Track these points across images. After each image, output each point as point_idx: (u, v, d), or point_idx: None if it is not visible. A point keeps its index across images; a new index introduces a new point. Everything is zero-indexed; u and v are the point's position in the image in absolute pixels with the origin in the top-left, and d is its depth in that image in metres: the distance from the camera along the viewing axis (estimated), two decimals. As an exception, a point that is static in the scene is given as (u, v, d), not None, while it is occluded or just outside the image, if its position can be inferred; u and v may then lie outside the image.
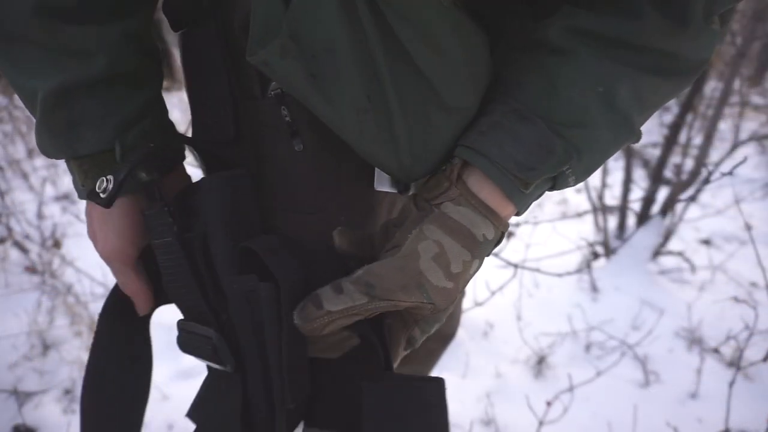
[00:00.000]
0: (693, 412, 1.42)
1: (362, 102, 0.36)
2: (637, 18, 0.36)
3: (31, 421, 1.28)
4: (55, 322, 1.62)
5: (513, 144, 0.39)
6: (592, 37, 0.38)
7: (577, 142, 0.39)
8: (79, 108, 0.39)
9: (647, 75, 0.39)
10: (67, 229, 2.34)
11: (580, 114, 0.39)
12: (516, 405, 1.39)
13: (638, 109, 0.40)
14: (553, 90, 0.39)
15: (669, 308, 1.86)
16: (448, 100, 0.37)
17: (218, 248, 0.41)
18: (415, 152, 0.39)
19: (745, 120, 4.85)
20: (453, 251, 0.40)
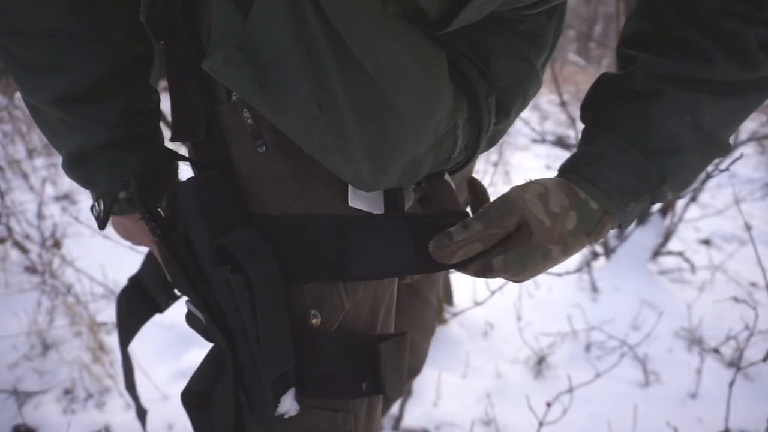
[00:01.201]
0: (693, 412, 1.42)
1: (312, 111, 0.39)
2: (710, 63, 0.43)
3: (31, 421, 1.28)
4: (55, 322, 1.62)
5: (614, 173, 0.46)
6: (674, 80, 0.45)
7: (671, 166, 0.47)
8: (91, 164, 0.51)
9: (727, 97, 0.45)
10: (67, 229, 2.34)
11: (672, 143, 0.46)
12: (516, 405, 1.39)
13: (723, 128, 0.47)
14: (647, 124, 0.46)
15: (669, 308, 1.86)
16: (399, 106, 0.40)
17: (198, 243, 0.46)
18: (374, 160, 0.42)
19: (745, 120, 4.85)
20: (554, 194, 0.47)
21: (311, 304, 0.48)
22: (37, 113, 0.49)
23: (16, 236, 1.92)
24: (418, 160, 0.45)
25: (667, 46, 0.45)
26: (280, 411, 0.48)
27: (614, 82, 0.49)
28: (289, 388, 0.48)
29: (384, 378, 0.50)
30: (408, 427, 1.34)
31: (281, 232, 0.47)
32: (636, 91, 0.47)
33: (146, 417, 0.76)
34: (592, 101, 0.51)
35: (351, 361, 0.50)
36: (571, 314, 1.78)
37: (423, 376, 1.50)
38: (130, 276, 0.77)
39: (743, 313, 1.75)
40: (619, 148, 0.47)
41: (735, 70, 0.44)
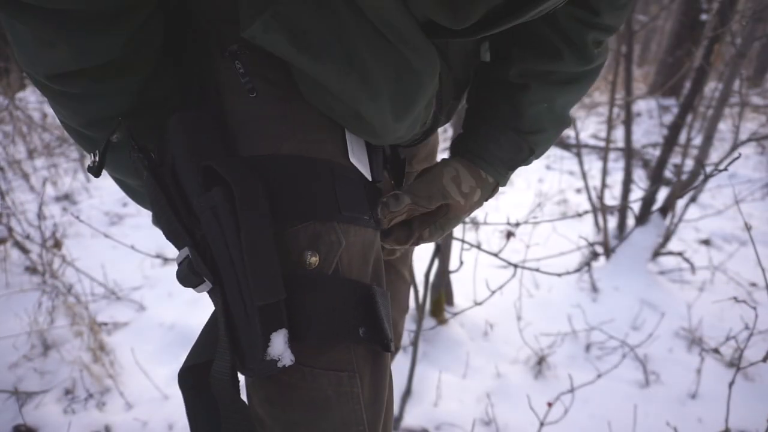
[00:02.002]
0: (693, 412, 1.42)
1: (345, 67, 0.45)
2: (560, 57, 0.58)
3: (31, 422, 1.29)
4: (55, 322, 1.62)
5: (497, 149, 0.62)
6: (535, 74, 0.59)
7: (536, 141, 0.63)
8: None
9: (570, 86, 0.60)
10: (67, 230, 2.34)
11: (536, 124, 0.61)
12: (516, 405, 1.39)
13: (567, 108, 0.63)
14: (517, 110, 0.61)
15: (669, 308, 1.86)
16: (416, 64, 0.48)
17: (183, 173, 0.47)
18: (396, 109, 0.50)
19: (745, 120, 4.86)
20: (464, 176, 0.62)
21: (307, 245, 0.49)
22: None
23: (16, 236, 1.92)
24: (418, 116, 0.53)
25: (531, 44, 0.59)
26: (271, 354, 0.44)
27: (493, 74, 0.62)
28: (282, 326, 0.45)
29: (381, 322, 0.50)
30: (408, 427, 1.34)
31: (272, 172, 0.48)
32: (510, 83, 0.60)
33: None
34: (477, 87, 0.64)
35: (347, 304, 0.49)
36: (571, 314, 1.78)
37: (423, 376, 1.50)
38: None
39: (743, 313, 1.75)
40: (499, 130, 0.62)
41: (577, 63, 0.58)
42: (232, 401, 0.46)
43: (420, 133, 0.61)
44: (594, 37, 0.57)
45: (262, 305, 0.44)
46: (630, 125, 2.15)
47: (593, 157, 4.03)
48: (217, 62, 0.51)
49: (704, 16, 4.72)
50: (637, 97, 2.24)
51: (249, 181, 0.45)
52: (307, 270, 0.48)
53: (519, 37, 0.60)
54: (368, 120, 0.50)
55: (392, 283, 0.84)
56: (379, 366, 0.54)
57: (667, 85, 2.26)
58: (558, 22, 0.57)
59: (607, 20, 0.56)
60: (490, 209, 2.79)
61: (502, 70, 0.61)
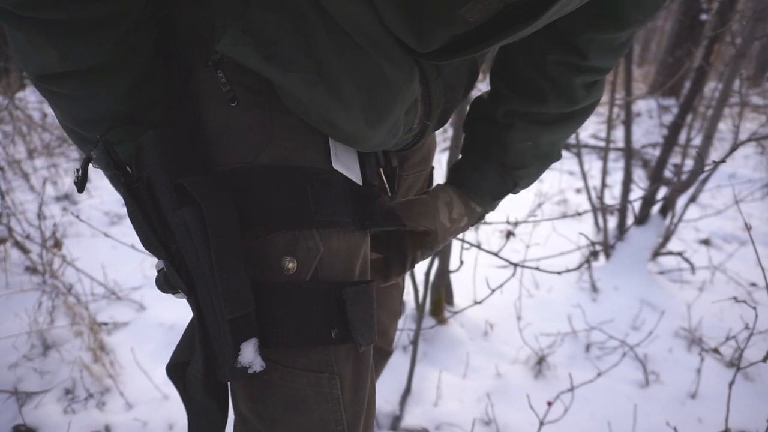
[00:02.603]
0: (693, 412, 1.42)
1: (312, 77, 0.46)
2: (545, 101, 0.60)
3: (31, 422, 1.29)
4: (55, 322, 1.62)
5: (483, 181, 0.67)
6: (520, 115, 0.63)
7: (520, 176, 0.67)
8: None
9: (557, 125, 0.63)
10: (67, 230, 2.34)
11: (520, 160, 0.65)
12: (516, 405, 1.39)
13: (553, 145, 0.66)
14: (503, 147, 0.65)
15: (669, 308, 1.86)
16: (388, 71, 0.48)
17: (159, 188, 0.48)
18: (368, 117, 0.49)
19: (745, 120, 4.86)
20: (456, 203, 0.68)
21: (285, 251, 0.50)
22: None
23: (16, 236, 1.92)
24: (398, 122, 0.53)
25: (518, 85, 0.62)
26: (242, 362, 0.47)
27: (484, 111, 0.66)
28: (251, 336, 0.48)
29: (352, 323, 0.51)
30: (408, 427, 1.34)
31: (245, 183, 0.49)
32: (497, 121, 0.64)
33: None
34: (471, 121, 0.69)
35: (318, 307, 0.50)
36: (571, 314, 1.78)
37: (423, 376, 1.50)
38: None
39: (743, 313, 1.76)
40: (487, 164, 0.66)
41: (562, 105, 0.60)
42: (203, 401, 0.51)
43: (410, 138, 0.61)
44: (583, 80, 0.58)
45: (231, 318, 0.46)
46: (630, 125, 2.15)
47: (593, 157, 4.03)
48: (200, 72, 0.52)
49: (704, 16, 4.73)
50: (637, 97, 2.24)
51: (218, 199, 0.46)
52: (283, 276, 0.49)
53: (506, 76, 0.63)
54: (341, 128, 0.50)
55: (384, 291, 0.85)
56: (360, 366, 0.55)
57: (667, 85, 2.26)
58: (545, 65, 0.58)
59: (597, 63, 0.57)
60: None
61: (492, 109, 0.65)
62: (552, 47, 0.57)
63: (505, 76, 0.64)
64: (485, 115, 0.66)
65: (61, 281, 1.74)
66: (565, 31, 0.55)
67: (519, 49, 0.61)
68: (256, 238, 0.49)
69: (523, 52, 0.60)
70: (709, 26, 4.14)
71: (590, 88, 0.60)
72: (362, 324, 0.52)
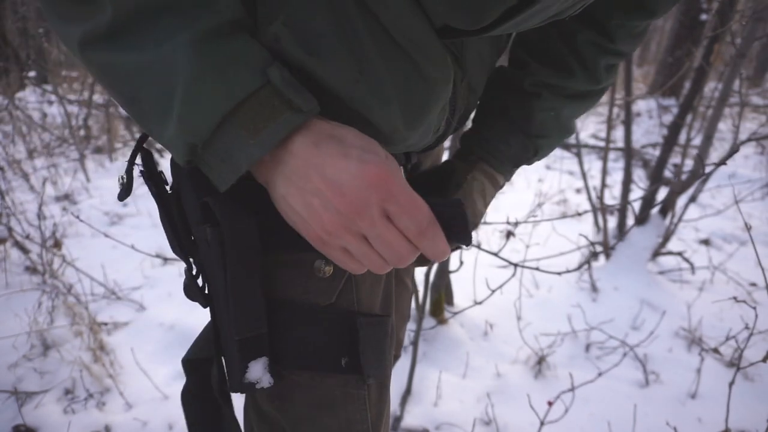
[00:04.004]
0: (693, 412, 1.42)
1: (354, 75, 0.44)
2: (572, 75, 0.63)
3: (31, 422, 1.29)
4: (55, 322, 1.62)
5: (506, 148, 0.67)
6: (547, 86, 0.65)
7: (541, 144, 0.68)
8: (227, 50, 0.39)
9: (578, 100, 0.66)
10: (67, 230, 2.34)
11: (543, 129, 0.66)
12: (516, 405, 1.39)
13: (571, 119, 0.69)
14: (528, 115, 0.65)
15: (669, 308, 1.86)
16: (428, 72, 0.47)
17: (187, 201, 0.48)
18: (407, 117, 0.48)
19: (745, 120, 4.86)
20: (488, 189, 0.68)
21: (320, 255, 0.48)
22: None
23: (16, 236, 1.92)
24: (432, 123, 0.52)
25: (548, 59, 0.64)
26: (249, 378, 0.48)
27: (509, 80, 0.67)
28: (261, 355, 0.48)
29: (363, 354, 0.50)
30: (408, 427, 1.34)
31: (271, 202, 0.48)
32: (523, 90, 0.65)
33: None
34: (489, 90, 0.68)
35: (331, 333, 0.50)
36: (571, 314, 1.78)
37: (423, 376, 1.50)
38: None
39: (743, 313, 1.76)
40: (509, 131, 0.67)
41: (586, 83, 0.64)
42: (222, 405, 0.53)
43: (433, 140, 0.60)
44: (607, 61, 0.63)
45: (240, 339, 0.47)
46: (630, 125, 2.15)
47: (593, 157, 4.03)
48: None
49: (704, 16, 4.73)
50: (637, 97, 2.24)
51: (240, 220, 0.45)
52: (315, 283, 0.50)
53: (537, 52, 0.65)
54: (378, 127, 0.48)
55: (395, 291, 0.84)
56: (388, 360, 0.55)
57: (667, 85, 2.26)
58: (575, 43, 0.62)
59: (621, 47, 0.62)
60: (490, 209, 2.79)
61: (518, 79, 0.66)
62: (583, 28, 0.61)
63: (534, 52, 0.66)
64: (511, 85, 0.67)
65: (61, 281, 1.74)
66: (598, 14, 0.59)
67: (554, 28, 0.62)
68: (285, 254, 0.49)
69: (558, 30, 0.63)
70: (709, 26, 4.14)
71: (610, 70, 0.65)
72: (373, 357, 0.52)
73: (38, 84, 4.40)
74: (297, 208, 0.42)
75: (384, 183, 0.40)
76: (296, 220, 0.43)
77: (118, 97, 0.40)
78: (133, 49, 0.37)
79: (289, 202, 0.42)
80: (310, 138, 0.41)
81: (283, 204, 0.43)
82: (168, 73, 0.37)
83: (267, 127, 0.39)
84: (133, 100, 0.39)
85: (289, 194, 0.42)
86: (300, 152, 0.40)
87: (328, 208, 0.41)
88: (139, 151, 0.50)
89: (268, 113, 0.39)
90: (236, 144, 0.39)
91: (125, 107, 0.40)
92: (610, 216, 2.60)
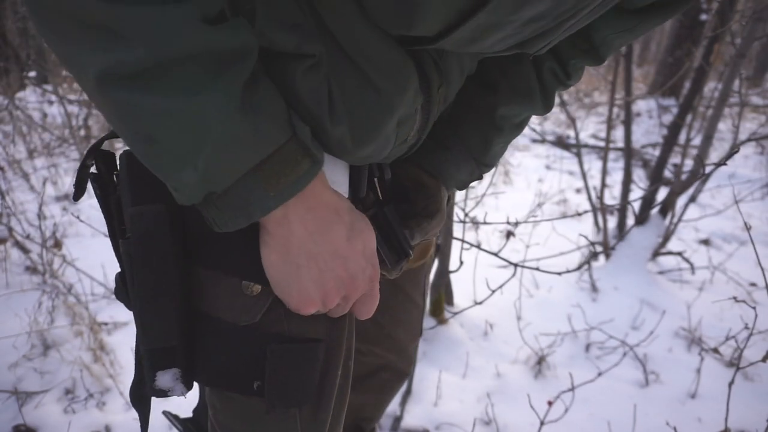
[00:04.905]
0: (693, 412, 1.42)
1: (320, 76, 0.43)
2: (533, 103, 0.64)
3: (31, 421, 1.29)
4: (55, 322, 1.62)
5: (457, 171, 0.67)
6: (510, 118, 0.66)
7: (484, 171, 0.69)
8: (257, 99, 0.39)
9: (519, 128, 0.69)
10: (67, 229, 2.34)
11: (493, 159, 0.69)
12: (516, 405, 1.39)
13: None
14: (486, 148, 0.67)
15: (669, 308, 1.87)
16: (378, 83, 0.45)
17: (125, 210, 0.48)
18: (355, 131, 0.45)
19: (745, 120, 4.86)
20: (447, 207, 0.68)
21: (246, 278, 0.48)
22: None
23: (16, 236, 1.92)
24: (389, 135, 0.49)
25: (520, 82, 0.63)
26: (159, 385, 0.48)
27: (480, 104, 0.66)
28: (171, 367, 0.48)
29: (269, 381, 0.49)
30: (408, 427, 1.34)
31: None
32: (492, 121, 0.66)
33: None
34: (458, 108, 0.67)
35: (244, 355, 0.49)
36: (571, 314, 1.78)
37: (423, 376, 1.50)
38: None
39: (743, 313, 1.76)
40: (464, 158, 0.67)
41: (541, 110, 0.65)
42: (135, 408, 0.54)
43: (404, 149, 0.58)
44: (557, 92, 0.67)
45: (148, 348, 0.47)
46: (630, 125, 2.15)
47: (593, 157, 4.03)
48: None
49: (704, 16, 4.73)
50: (637, 97, 2.24)
51: (156, 234, 0.45)
52: (231, 310, 0.48)
53: (511, 74, 0.64)
54: (325, 139, 0.45)
55: (400, 306, 0.84)
56: (324, 390, 0.53)
57: (667, 85, 2.26)
58: (542, 71, 0.63)
59: (572, 82, 0.66)
60: (490, 209, 2.79)
61: (490, 107, 0.65)
62: (550, 57, 0.62)
63: (508, 73, 0.65)
64: (481, 110, 0.66)
65: (61, 281, 1.75)
66: (562, 52, 0.61)
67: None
68: (213, 270, 0.48)
69: (536, 63, 0.64)
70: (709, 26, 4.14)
71: (554, 100, 0.68)
72: (283, 386, 0.49)
73: (38, 84, 4.40)
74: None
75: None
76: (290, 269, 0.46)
77: (131, 134, 0.38)
78: (163, 94, 0.35)
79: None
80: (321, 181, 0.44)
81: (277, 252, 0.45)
82: (198, 123, 0.36)
83: (287, 179, 0.40)
84: (149, 139, 0.37)
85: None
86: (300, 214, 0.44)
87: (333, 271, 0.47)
88: (95, 153, 0.49)
89: (291, 167, 0.40)
90: (255, 195, 0.39)
91: (134, 143, 0.38)
92: (610, 216, 2.60)
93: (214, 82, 0.36)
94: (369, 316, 0.53)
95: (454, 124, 0.66)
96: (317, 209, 0.43)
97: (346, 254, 0.45)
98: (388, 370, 0.90)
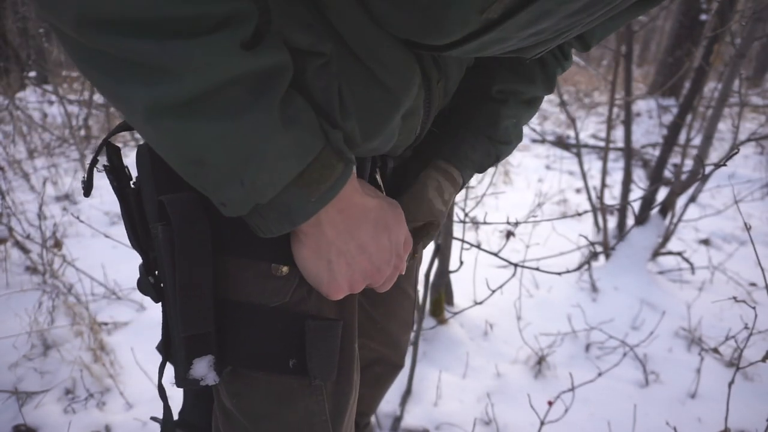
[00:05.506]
0: (693, 412, 1.42)
1: (329, 75, 0.45)
2: (533, 83, 0.67)
3: (31, 421, 1.29)
4: (55, 322, 1.62)
5: (471, 152, 0.68)
6: (513, 92, 0.67)
7: (502, 150, 0.70)
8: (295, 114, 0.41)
9: (531, 106, 0.70)
10: (67, 230, 2.34)
11: (506, 135, 0.69)
12: (516, 405, 1.39)
13: (523, 125, 0.72)
14: (494, 122, 0.67)
15: (669, 308, 1.87)
16: (386, 81, 0.47)
17: (146, 199, 0.50)
18: (364, 125, 0.47)
19: (745, 120, 4.86)
20: (445, 185, 0.66)
21: (275, 260, 0.50)
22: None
23: (16, 236, 1.92)
24: (394, 128, 0.52)
25: (515, 65, 0.66)
26: (193, 374, 0.49)
27: (477, 86, 0.68)
28: (206, 353, 0.49)
29: (309, 356, 0.51)
30: (408, 427, 1.34)
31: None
32: (491, 97, 0.67)
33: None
34: (459, 95, 0.68)
35: (279, 335, 0.51)
36: (571, 314, 1.78)
37: (423, 376, 1.50)
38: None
39: (743, 313, 1.76)
40: (474, 136, 0.67)
41: (543, 90, 0.68)
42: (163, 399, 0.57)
43: (409, 141, 0.60)
44: (558, 72, 0.70)
45: (186, 336, 0.48)
46: (630, 125, 2.15)
47: (593, 157, 4.03)
48: None
49: (704, 16, 4.73)
50: (637, 97, 2.24)
51: (192, 220, 0.47)
52: (271, 282, 0.50)
53: (510, 58, 0.66)
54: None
55: (393, 299, 0.84)
56: (344, 359, 0.56)
57: (667, 85, 2.26)
58: (544, 58, 0.66)
59: (568, 64, 0.69)
60: (490, 209, 2.79)
61: (485, 86, 0.68)
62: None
63: (506, 58, 0.67)
64: (476, 90, 0.68)
65: (61, 281, 1.75)
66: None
67: None
68: (242, 258, 0.50)
69: None
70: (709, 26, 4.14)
71: (556, 80, 0.71)
72: (321, 359, 0.52)
73: (38, 84, 4.41)
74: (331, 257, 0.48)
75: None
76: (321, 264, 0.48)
77: (179, 158, 0.40)
78: (210, 119, 0.37)
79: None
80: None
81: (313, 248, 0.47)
82: (243, 142, 0.38)
83: (326, 184, 0.42)
84: (197, 163, 0.39)
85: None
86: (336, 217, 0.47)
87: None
88: (104, 147, 0.51)
89: (329, 172, 0.42)
90: (296, 201, 0.42)
91: (183, 167, 0.40)
92: (610, 216, 2.60)
93: (257, 101, 0.38)
94: (387, 289, 0.57)
95: (460, 110, 0.69)
96: (347, 210, 0.46)
97: (371, 250, 0.49)
98: (382, 363, 0.91)
